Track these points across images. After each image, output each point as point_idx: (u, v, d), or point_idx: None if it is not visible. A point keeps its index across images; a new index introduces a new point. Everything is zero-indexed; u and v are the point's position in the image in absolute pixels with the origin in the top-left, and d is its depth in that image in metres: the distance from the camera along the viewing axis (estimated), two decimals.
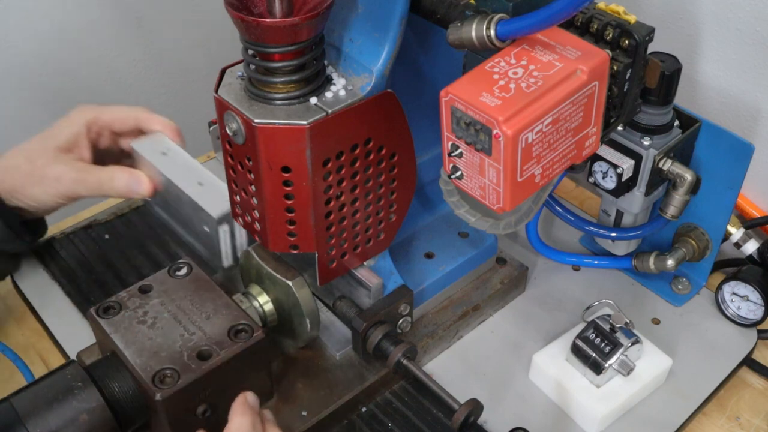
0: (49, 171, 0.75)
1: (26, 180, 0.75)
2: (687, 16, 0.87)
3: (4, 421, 0.57)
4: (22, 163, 0.76)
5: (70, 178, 0.75)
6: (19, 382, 0.75)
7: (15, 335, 0.81)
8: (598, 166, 0.73)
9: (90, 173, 0.75)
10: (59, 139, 0.77)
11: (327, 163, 0.59)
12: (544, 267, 0.86)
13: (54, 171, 0.75)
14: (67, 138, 0.77)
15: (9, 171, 0.76)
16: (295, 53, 0.56)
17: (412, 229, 0.80)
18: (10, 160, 0.77)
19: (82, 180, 0.75)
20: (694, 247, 0.79)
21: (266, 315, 0.71)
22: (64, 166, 0.75)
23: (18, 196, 0.76)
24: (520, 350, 0.77)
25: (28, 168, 0.75)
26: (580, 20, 0.55)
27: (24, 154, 0.76)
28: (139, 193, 0.76)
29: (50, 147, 0.76)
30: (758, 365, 0.78)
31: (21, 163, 0.76)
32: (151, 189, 0.76)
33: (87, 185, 0.75)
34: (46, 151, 0.76)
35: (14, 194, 0.76)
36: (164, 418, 0.60)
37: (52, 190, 0.75)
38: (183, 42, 1.12)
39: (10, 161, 0.77)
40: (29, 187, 0.75)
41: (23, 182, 0.76)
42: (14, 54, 0.97)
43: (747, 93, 0.86)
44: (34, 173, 0.75)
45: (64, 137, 0.77)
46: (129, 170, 0.76)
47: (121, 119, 0.79)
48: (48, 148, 0.76)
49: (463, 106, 0.50)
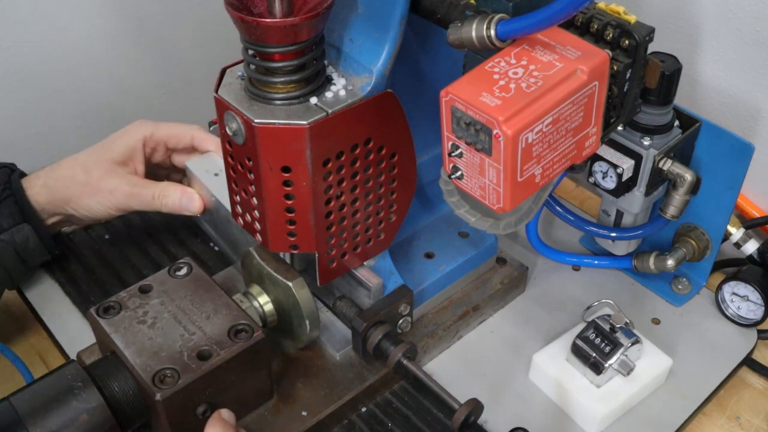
0: (104, 183, 0.77)
1: (81, 190, 0.77)
2: (687, 16, 0.87)
3: (4, 420, 0.57)
4: (78, 174, 0.78)
5: (124, 191, 0.77)
6: (19, 382, 0.75)
7: (15, 335, 0.81)
8: (598, 166, 0.73)
9: (144, 188, 0.78)
10: (115, 152, 0.79)
11: (327, 163, 0.59)
12: (544, 267, 0.86)
13: (109, 184, 0.77)
14: (123, 151, 0.79)
15: (65, 180, 0.78)
16: (295, 53, 0.56)
17: (412, 229, 0.80)
18: (66, 170, 0.79)
19: (136, 194, 0.78)
20: (694, 247, 0.79)
21: (266, 315, 0.71)
22: (119, 180, 0.78)
23: (72, 205, 0.78)
24: (520, 350, 0.77)
25: (84, 179, 0.78)
26: (580, 20, 0.55)
27: (80, 165, 0.78)
28: (190, 211, 0.79)
29: (106, 159, 0.78)
30: (758, 365, 0.78)
31: (77, 173, 0.78)
32: (201, 207, 0.79)
33: (140, 199, 0.78)
34: (102, 163, 0.78)
35: (68, 203, 0.78)
36: (164, 418, 0.60)
37: (106, 202, 0.78)
38: (183, 42, 1.12)
39: (66, 171, 0.78)
40: (84, 197, 0.78)
41: (78, 192, 0.78)
42: (14, 54, 0.97)
43: (747, 93, 0.86)
44: (89, 184, 0.77)
45: (121, 150, 0.79)
46: (182, 188, 0.79)
47: (176, 136, 0.82)
48: (104, 160, 0.78)
49: (463, 106, 0.50)
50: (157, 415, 0.60)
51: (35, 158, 1.04)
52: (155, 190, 0.78)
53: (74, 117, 1.06)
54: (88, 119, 1.07)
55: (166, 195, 0.78)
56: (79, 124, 1.07)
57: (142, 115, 1.13)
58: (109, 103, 1.09)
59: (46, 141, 1.04)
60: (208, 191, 0.77)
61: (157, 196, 0.78)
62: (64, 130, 1.05)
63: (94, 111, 1.07)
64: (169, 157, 0.84)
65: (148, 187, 0.78)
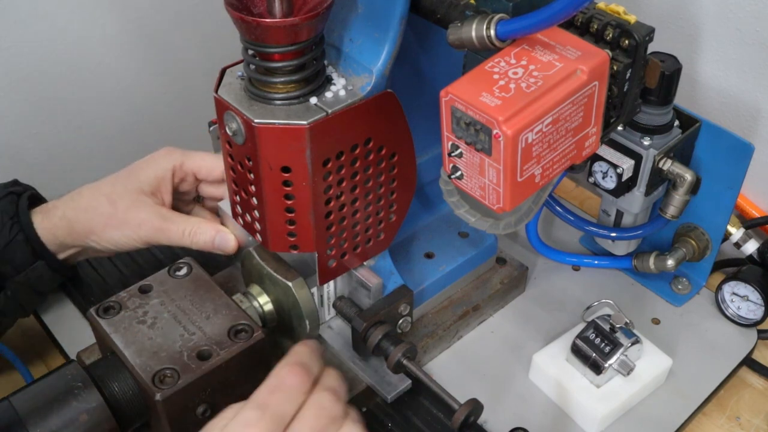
0: (131, 216, 0.72)
1: (107, 222, 0.72)
2: (687, 16, 0.87)
3: (4, 420, 0.57)
4: (102, 204, 0.72)
5: (152, 225, 0.72)
6: (19, 382, 0.75)
7: (15, 335, 0.81)
8: (598, 166, 0.73)
9: (174, 223, 0.73)
10: (142, 182, 0.73)
11: (327, 163, 0.59)
12: (544, 267, 0.86)
13: (136, 217, 0.72)
14: (151, 181, 0.74)
15: (88, 212, 0.73)
16: (295, 53, 0.56)
17: (412, 229, 0.80)
18: (88, 200, 0.73)
19: (165, 229, 0.72)
20: (694, 247, 0.79)
21: (266, 315, 0.71)
22: (147, 212, 0.72)
23: (94, 238, 0.73)
24: (520, 350, 0.77)
25: (109, 210, 0.72)
26: (580, 20, 0.55)
27: (104, 195, 0.73)
28: (224, 251, 0.74)
29: (133, 189, 0.73)
30: (758, 365, 0.78)
31: (101, 204, 0.72)
32: (236, 247, 0.74)
33: (169, 235, 0.72)
34: (128, 194, 0.73)
35: (90, 236, 0.73)
36: (164, 418, 0.60)
37: (132, 235, 0.72)
38: (183, 42, 1.12)
39: (89, 201, 0.73)
40: (109, 230, 0.72)
41: (103, 224, 0.72)
42: (14, 54, 0.97)
43: (747, 93, 0.86)
44: (115, 216, 0.72)
45: (148, 180, 0.74)
46: (216, 226, 0.73)
47: (207, 168, 0.76)
48: (130, 190, 0.73)
49: (463, 106, 0.50)
50: (157, 415, 0.60)
51: (35, 158, 1.04)
52: (186, 226, 0.72)
53: (74, 117, 1.06)
54: (88, 119, 1.07)
55: (198, 233, 0.73)
56: (78, 124, 1.07)
57: (141, 114, 1.13)
58: (109, 103, 1.09)
59: (45, 141, 1.04)
60: (243, 231, 0.72)
61: (188, 234, 0.72)
62: (63, 130, 1.05)
63: (94, 111, 1.07)
64: (197, 187, 0.79)
65: (179, 222, 0.73)
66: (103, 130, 1.10)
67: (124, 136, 1.13)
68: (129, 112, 1.12)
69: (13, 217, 0.72)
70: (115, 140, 1.12)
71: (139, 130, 1.15)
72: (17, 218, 0.72)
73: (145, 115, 1.14)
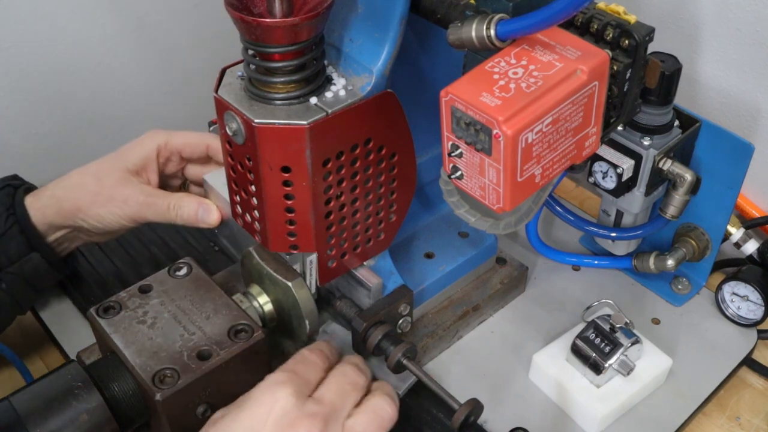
0: (117, 192, 0.74)
1: (93, 199, 0.74)
2: (687, 16, 0.87)
3: (4, 421, 0.57)
4: (89, 182, 0.74)
5: (138, 201, 0.74)
6: (19, 382, 0.75)
7: (14, 335, 0.81)
8: (598, 166, 0.73)
9: (159, 198, 0.75)
10: (129, 161, 0.76)
11: (327, 163, 0.59)
12: (544, 267, 0.86)
13: (122, 193, 0.74)
14: (137, 161, 0.76)
15: (75, 189, 0.74)
16: (295, 53, 0.56)
17: (412, 229, 0.80)
18: (77, 177, 0.75)
19: (151, 204, 0.74)
20: (694, 247, 0.79)
21: (266, 315, 0.71)
22: (133, 189, 0.74)
23: (82, 216, 0.74)
24: (520, 350, 0.77)
25: (96, 187, 0.74)
26: (580, 20, 0.55)
27: (91, 174, 0.75)
28: (207, 223, 0.75)
29: (119, 168, 0.75)
30: (758, 365, 0.78)
31: (88, 181, 0.74)
32: (219, 219, 0.75)
33: (155, 210, 0.74)
34: (114, 172, 0.75)
35: (78, 214, 0.74)
36: (164, 418, 0.60)
37: (119, 211, 0.74)
38: (183, 42, 1.12)
39: (76, 179, 0.75)
40: (96, 206, 0.74)
41: (90, 201, 0.74)
42: (14, 54, 0.97)
43: (747, 93, 0.86)
44: (101, 193, 0.74)
45: (134, 160, 0.76)
46: (198, 199, 0.75)
47: (191, 145, 0.79)
48: (117, 168, 0.75)
49: (463, 106, 0.50)
50: (157, 415, 0.60)
51: (35, 158, 1.04)
52: (170, 200, 0.75)
53: (74, 117, 1.06)
54: (88, 119, 1.07)
55: (182, 206, 0.74)
56: (78, 124, 1.07)
57: (141, 114, 1.13)
58: (109, 103, 1.09)
59: (45, 141, 1.04)
60: (227, 204, 0.74)
61: (173, 207, 0.74)
62: (63, 130, 1.05)
63: (94, 111, 1.07)
64: (183, 168, 0.81)
65: (163, 197, 0.75)
66: (103, 130, 1.10)
67: (123, 135, 1.13)
68: (129, 112, 1.12)
69: (9, 209, 0.73)
70: (115, 140, 1.12)
71: (139, 130, 1.15)
72: (13, 209, 0.73)
73: (145, 114, 1.14)
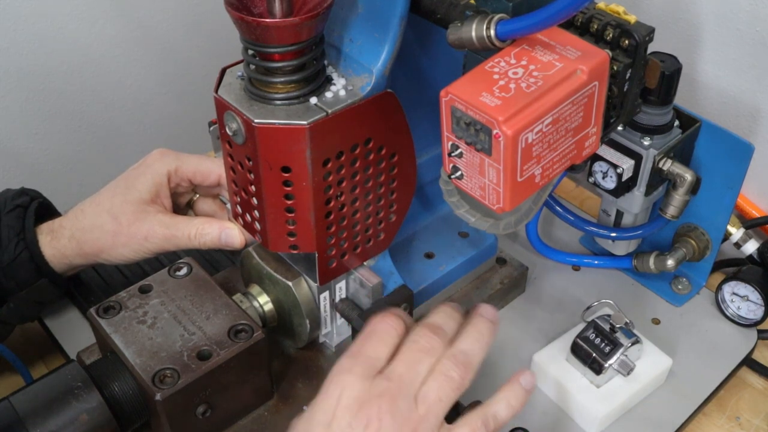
0: (136, 230, 0.72)
1: (114, 240, 0.73)
2: (687, 16, 0.87)
3: (4, 420, 0.57)
4: (106, 222, 0.73)
5: (158, 236, 0.73)
6: (19, 382, 0.75)
7: (14, 335, 0.80)
8: (598, 166, 0.73)
9: (178, 229, 0.73)
10: (142, 191, 0.74)
11: (327, 163, 0.59)
12: (544, 267, 0.86)
13: (141, 230, 0.72)
14: (149, 188, 0.74)
15: (94, 232, 0.73)
16: (295, 53, 0.56)
17: (412, 229, 0.80)
18: (92, 218, 0.73)
19: (171, 237, 0.73)
20: (694, 247, 0.79)
21: (266, 315, 0.71)
22: (151, 223, 0.73)
23: (104, 256, 0.74)
24: (520, 350, 0.77)
25: (114, 227, 0.72)
26: (580, 20, 0.55)
27: (106, 211, 0.73)
28: (232, 246, 0.74)
29: (133, 200, 0.73)
30: (758, 365, 0.78)
31: (105, 222, 0.73)
32: (243, 242, 0.73)
33: (176, 242, 0.73)
34: (128, 205, 0.73)
35: (101, 254, 0.73)
36: (164, 418, 0.60)
37: (140, 249, 0.73)
38: (183, 42, 1.12)
39: (93, 220, 0.73)
40: (117, 247, 0.73)
41: (111, 243, 0.73)
42: (14, 54, 0.97)
43: (747, 93, 0.86)
44: (120, 232, 0.72)
45: (146, 188, 0.74)
46: (219, 223, 0.74)
47: (203, 173, 0.77)
48: (130, 201, 0.73)
49: (463, 106, 0.50)
50: (157, 415, 0.60)
51: (35, 158, 1.04)
52: (191, 230, 0.73)
53: (74, 117, 1.06)
54: (88, 119, 1.07)
55: (204, 234, 0.73)
56: (78, 124, 1.07)
57: (141, 114, 1.14)
58: (109, 103, 1.09)
59: (45, 141, 1.04)
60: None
61: (194, 236, 0.73)
62: (63, 130, 1.06)
63: (94, 111, 1.08)
64: (193, 189, 0.80)
65: (183, 227, 0.73)
66: (103, 130, 1.10)
67: (123, 135, 1.13)
68: (129, 112, 1.12)
69: (19, 234, 0.72)
70: (115, 140, 1.13)
71: (139, 130, 1.16)
72: (23, 235, 0.72)
73: (145, 115, 1.14)
